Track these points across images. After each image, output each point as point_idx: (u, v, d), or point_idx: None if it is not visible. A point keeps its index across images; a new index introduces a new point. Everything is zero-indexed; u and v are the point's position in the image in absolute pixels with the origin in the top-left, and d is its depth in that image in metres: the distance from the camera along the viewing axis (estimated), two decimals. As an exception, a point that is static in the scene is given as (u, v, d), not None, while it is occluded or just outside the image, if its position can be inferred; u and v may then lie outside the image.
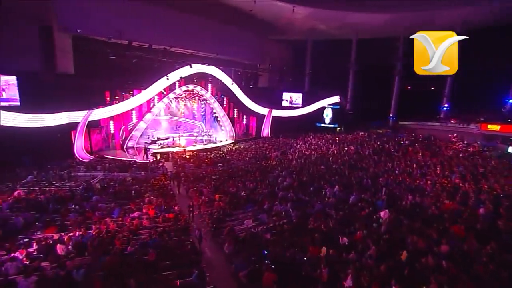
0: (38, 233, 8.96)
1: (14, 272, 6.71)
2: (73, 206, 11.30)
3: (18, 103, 17.67)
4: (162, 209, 11.42)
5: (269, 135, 34.01)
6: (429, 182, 12.28)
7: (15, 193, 12.17)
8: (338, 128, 33.54)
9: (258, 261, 6.91)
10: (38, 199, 11.68)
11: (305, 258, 6.88)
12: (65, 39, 20.20)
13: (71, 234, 8.25)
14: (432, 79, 27.27)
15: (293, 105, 35.48)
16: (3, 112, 16.13)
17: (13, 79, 17.34)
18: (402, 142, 22.49)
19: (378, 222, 8.73)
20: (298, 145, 27.58)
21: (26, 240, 8.35)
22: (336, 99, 34.65)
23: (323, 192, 13.04)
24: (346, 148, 22.59)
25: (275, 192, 13.51)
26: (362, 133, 28.44)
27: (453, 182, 12.77)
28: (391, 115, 32.30)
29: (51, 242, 7.94)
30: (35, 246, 7.87)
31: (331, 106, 34.95)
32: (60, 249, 7.48)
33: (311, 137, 30.40)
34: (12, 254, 7.11)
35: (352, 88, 34.05)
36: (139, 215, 10.68)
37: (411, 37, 6.64)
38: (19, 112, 17.11)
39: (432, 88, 30.32)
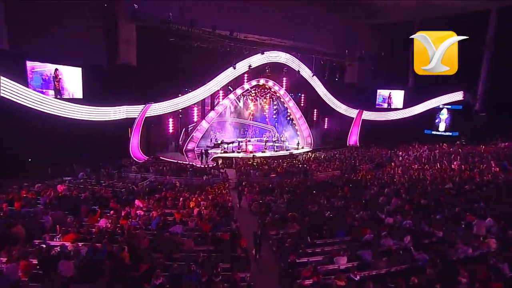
0: (57, 239, 7.78)
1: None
2: (108, 210, 10.28)
3: (81, 96, 18.71)
4: (216, 225, 9.34)
5: (357, 144, 30.45)
6: None
7: (58, 188, 12.03)
8: (458, 141, 27.05)
9: None
10: (76, 197, 11.09)
11: None
12: (129, 29, 20.87)
13: (79, 246, 6.67)
14: None
15: (391, 106, 31.08)
16: (66, 104, 17.10)
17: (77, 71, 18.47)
18: None
19: None
20: (400, 157, 23.41)
21: (43, 246, 7.16)
22: (457, 96, 28.53)
23: (463, 225, 9.07)
24: (483, 164, 17.30)
25: (379, 217, 10.28)
26: (506, 143, 22.10)
27: None
28: None
29: (62, 253, 6.41)
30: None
31: (449, 107, 29.13)
32: (63, 266, 5.80)
33: (417, 147, 25.92)
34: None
35: (486, 81, 27.31)
36: (182, 231, 8.76)
37: (410, 37, 7.26)
38: (80, 104, 17.91)
39: None
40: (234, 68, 23.49)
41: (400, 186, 14.50)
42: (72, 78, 18.19)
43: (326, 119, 31.45)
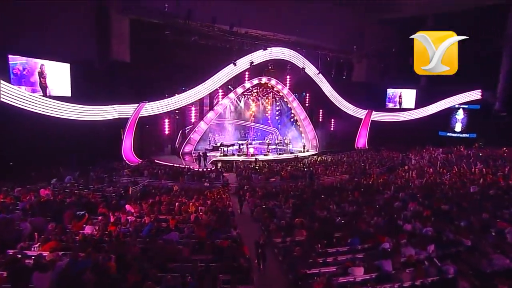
0: (35, 248, 7.31)
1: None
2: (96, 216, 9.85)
3: (69, 94, 18.33)
4: (215, 232, 8.87)
5: (366, 146, 30.07)
6: None
7: (41, 193, 11.59)
8: (477, 144, 26.52)
9: None
10: (60, 202, 10.67)
11: None
12: (122, 23, 20.62)
13: (59, 255, 6.17)
14: None
15: (401, 106, 30.88)
16: (53, 102, 16.76)
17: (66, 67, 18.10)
18: None
19: None
20: (413, 161, 23.05)
21: (19, 256, 6.64)
22: (475, 95, 28.15)
23: (493, 233, 8.54)
24: (507, 167, 16.80)
25: (396, 223, 9.86)
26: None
27: None
28: None
29: (37, 263, 5.89)
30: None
31: (466, 106, 28.75)
32: (37, 279, 5.30)
33: (431, 150, 25.61)
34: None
35: (506, 78, 26.85)
36: (178, 238, 8.29)
37: (411, 37, 7.72)
38: (69, 102, 17.57)
39: None
40: (235, 65, 23.14)
41: (416, 191, 14.08)
42: (58, 74, 17.77)
43: (333, 120, 30.91)
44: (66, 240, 7.61)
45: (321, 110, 30.53)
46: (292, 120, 29.65)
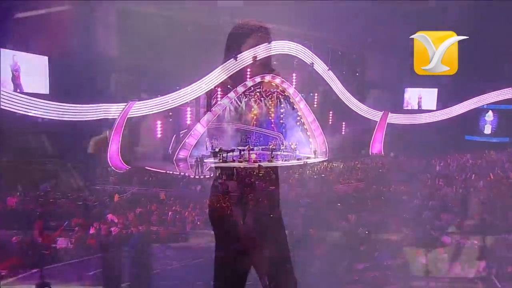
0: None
1: None
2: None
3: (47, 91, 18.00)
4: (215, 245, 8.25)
5: (382, 152, 29.57)
6: None
7: (9, 202, 11.12)
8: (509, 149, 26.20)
9: None
10: (30, 212, 10.13)
11: None
12: (109, 11, 20.30)
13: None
14: None
15: (422, 107, 30.42)
16: (28, 99, 16.53)
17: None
18: None
19: None
20: (438, 167, 23.00)
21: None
22: (506, 93, 27.81)
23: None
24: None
25: (430, 235, 9.22)
26: None
27: None
28: None
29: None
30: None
31: (496, 107, 28.46)
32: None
33: (457, 156, 25.46)
34: None
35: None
36: (171, 251, 7.66)
37: (410, 37, 7.17)
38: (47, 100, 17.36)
39: None
40: (236, 59, 22.76)
41: (448, 199, 13.89)
42: (34, 68, 17.54)
43: (344, 123, 30.57)
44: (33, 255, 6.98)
45: (331, 112, 30.18)
46: (298, 123, 29.29)
